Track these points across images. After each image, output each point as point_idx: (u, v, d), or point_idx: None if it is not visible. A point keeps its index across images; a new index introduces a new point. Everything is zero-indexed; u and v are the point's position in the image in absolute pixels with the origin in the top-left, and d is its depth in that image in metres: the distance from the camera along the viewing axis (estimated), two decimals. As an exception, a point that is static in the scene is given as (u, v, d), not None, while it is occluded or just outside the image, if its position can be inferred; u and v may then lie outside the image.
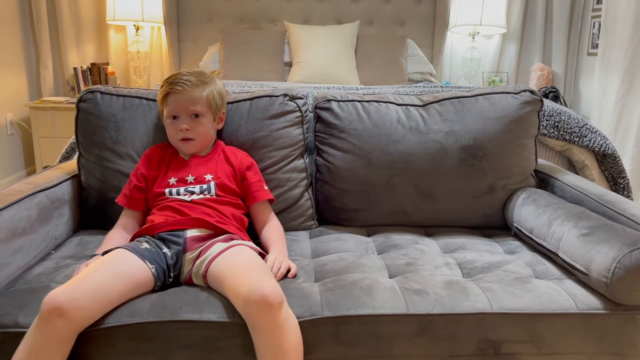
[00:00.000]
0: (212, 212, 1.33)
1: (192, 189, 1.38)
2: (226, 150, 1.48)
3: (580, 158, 2.00)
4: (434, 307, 1.14)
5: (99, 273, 1.10)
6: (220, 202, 1.37)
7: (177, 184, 1.39)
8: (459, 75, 3.95)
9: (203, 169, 1.42)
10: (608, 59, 3.14)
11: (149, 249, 1.22)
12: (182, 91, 1.40)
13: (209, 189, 1.38)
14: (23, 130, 3.41)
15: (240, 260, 1.17)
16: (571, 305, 1.16)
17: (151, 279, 1.17)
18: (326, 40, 3.44)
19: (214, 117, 1.46)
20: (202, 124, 1.42)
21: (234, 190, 1.42)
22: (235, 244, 1.23)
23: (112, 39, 3.80)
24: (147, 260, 1.18)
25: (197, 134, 1.41)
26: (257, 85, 2.64)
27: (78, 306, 1.02)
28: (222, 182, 1.40)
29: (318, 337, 1.11)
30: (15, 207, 1.27)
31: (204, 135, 1.43)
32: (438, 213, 1.61)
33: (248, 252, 1.21)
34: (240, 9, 3.74)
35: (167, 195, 1.37)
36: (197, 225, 1.29)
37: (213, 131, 1.47)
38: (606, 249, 1.16)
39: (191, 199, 1.35)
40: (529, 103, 1.59)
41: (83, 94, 1.58)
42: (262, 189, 1.45)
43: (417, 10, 3.79)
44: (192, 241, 1.26)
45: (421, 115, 1.60)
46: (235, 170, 1.44)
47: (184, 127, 1.40)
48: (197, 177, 1.40)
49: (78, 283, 1.06)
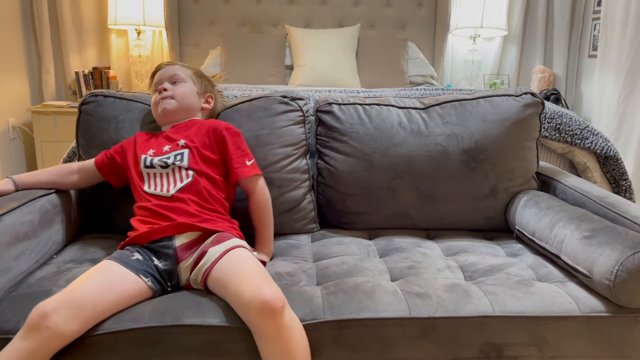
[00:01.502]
0: (195, 207, 1.30)
1: (166, 158, 1.36)
2: (208, 121, 1.47)
3: (582, 160, 1.99)
4: (436, 310, 1.13)
5: (86, 286, 1.08)
6: (198, 188, 1.33)
7: (154, 155, 1.38)
8: (460, 78, 3.95)
9: (178, 135, 1.42)
10: (608, 61, 3.14)
11: (140, 260, 1.20)
12: (166, 67, 1.51)
13: (181, 158, 1.36)
14: (25, 134, 3.41)
15: (239, 266, 1.16)
16: (574, 308, 1.16)
17: (147, 290, 1.16)
18: (327, 44, 3.45)
19: (197, 90, 1.50)
20: (182, 87, 1.48)
21: (210, 159, 1.39)
22: (231, 247, 1.21)
23: (114, 43, 3.80)
24: (141, 273, 1.16)
25: (176, 94, 1.46)
26: (258, 88, 2.65)
27: (65, 318, 1.00)
28: (195, 149, 1.38)
29: (320, 341, 1.11)
30: (17, 212, 1.27)
31: (183, 96, 1.46)
32: (440, 216, 1.61)
33: (245, 255, 1.20)
34: (242, 13, 3.75)
35: (142, 166, 1.36)
36: (184, 230, 1.26)
37: (194, 98, 1.49)
38: (608, 252, 1.15)
39: (171, 194, 1.31)
40: (530, 105, 1.59)
41: (86, 97, 1.60)
42: (243, 165, 1.40)
43: (418, 13, 3.80)
44: (183, 250, 1.24)
45: (422, 118, 1.60)
46: (213, 135, 1.41)
47: (162, 87, 1.46)
48: (171, 145, 1.40)
49: (66, 295, 1.04)
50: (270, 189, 1.51)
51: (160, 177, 1.36)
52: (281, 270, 1.29)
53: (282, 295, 1.06)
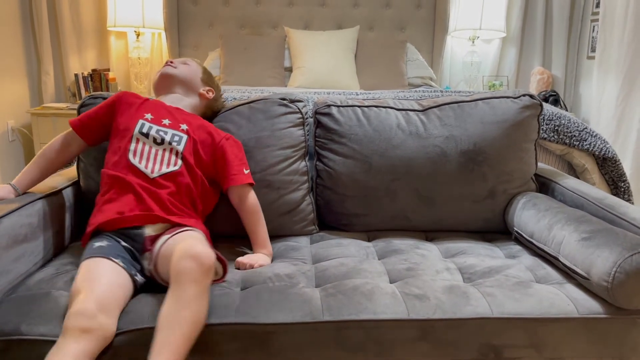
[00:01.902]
0: (169, 199, 1.30)
1: (164, 134, 1.36)
2: (210, 124, 1.48)
3: (581, 162, 2.00)
4: (435, 312, 1.14)
5: (103, 285, 1.09)
6: (180, 181, 1.33)
7: (152, 121, 1.37)
8: (459, 80, 3.96)
9: (180, 117, 1.42)
10: (606, 63, 3.14)
11: (110, 245, 1.22)
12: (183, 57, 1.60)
13: (179, 141, 1.36)
14: (24, 136, 3.42)
15: (182, 237, 1.19)
16: (572, 309, 1.16)
17: (127, 277, 1.17)
18: (326, 46, 3.45)
19: (202, 76, 1.55)
20: (189, 67, 1.54)
21: (202, 159, 1.39)
22: (179, 231, 1.22)
23: (113, 45, 3.81)
24: (113, 256, 1.18)
25: (180, 67, 1.52)
26: (257, 90, 2.65)
27: (107, 317, 1.03)
28: (194, 142, 1.38)
29: (319, 342, 1.11)
30: (16, 214, 1.27)
31: (186, 71, 1.52)
32: (439, 218, 1.61)
33: (192, 233, 1.22)
34: (241, 15, 3.76)
35: (136, 130, 1.34)
36: (154, 221, 1.27)
37: (196, 80, 1.53)
38: (607, 253, 1.16)
39: (153, 177, 1.31)
40: (529, 107, 1.60)
41: (85, 99, 1.60)
42: (240, 173, 1.42)
43: (417, 15, 3.81)
44: (151, 241, 1.25)
45: (421, 120, 1.61)
46: (213, 139, 1.42)
47: (169, 60, 1.54)
48: (172, 122, 1.39)
49: (96, 295, 1.05)
50: (269, 191, 1.52)
51: (149, 150, 1.34)
52: (280, 272, 1.29)
53: (213, 257, 1.08)
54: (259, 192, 1.48)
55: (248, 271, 1.31)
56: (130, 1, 3.49)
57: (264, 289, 1.20)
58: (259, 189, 1.49)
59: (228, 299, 1.16)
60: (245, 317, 1.11)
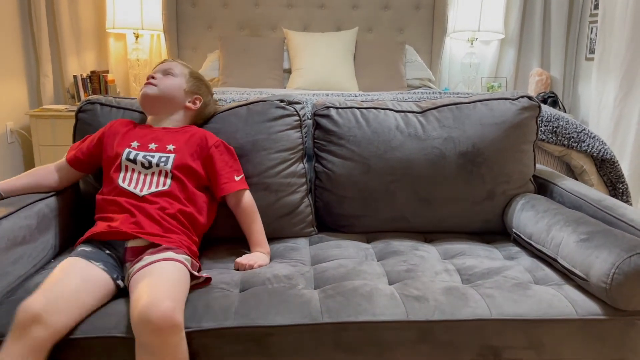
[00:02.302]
0: (159, 214, 1.30)
1: (151, 157, 1.36)
2: (200, 131, 1.47)
3: (579, 163, 2.00)
4: (434, 313, 1.14)
5: (69, 280, 1.11)
6: (173, 196, 1.33)
7: (139, 148, 1.38)
8: (458, 81, 3.96)
9: (168, 138, 1.42)
10: (606, 64, 3.15)
11: (93, 251, 1.23)
12: (167, 62, 1.54)
13: (166, 161, 1.36)
14: (23, 138, 3.41)
15: (156, 275, 1.12)
16: (571, 311, 1.16)
17: (108, 278, 1.18)
18: (325, 47, 3.46)
19: (186, 87, 1.49)
20: (171, 81, 1.48)
21: (194, 171, 1.39)
22: (162, 259, 1.18)
23: (112, 47, 3.81)
24: (92, 259, 1.19)
25: (160, 82, 1.46)
26: (256, 92, 2.65)
27: (55, 311, 1.02)
28: (182, 157, 1.38)
29: (319, 344, 1.11)
30: (15, 216, 1.27)
31: (167, 87, 1.46)
32: (437, 219, 1.61)
33: (172, 268, 1.16)
34: (240, 16, 3.76)
35: (124, 158, 1.36)
36: (137, 236, 1.26)
37: (179, 94, 1.48)
38: (605, 255, 1.16)
39: (143, 194, 1.32)
40: (527, 109, 1.60)
41: (83, 105, 1.60)
42: (231, 180, 1.41)
43: (416, 16, 3.81)
44: (132, 252, 1.24)
45: (419, 122, 1.61)
46: (203, 149, 1.41)
47: (151, 75, 1.48)
48: (159, 145, 1.40)
49: (52, 289, 1.06)
50: (267, 194, 1.52)
51: (138, 174, 1.35)
52: (279, 273, 1.29)
53: (170, 315, 1.00)
54: (257, 195, 1.49)
55: (247, 272, 1.31)
56: (129, 3, 3.49)
57: (263, 291, 1.20)
58: (257, 192, 1.50)
59: (227, 301, 1.16)
60: (244, 319, 1.11)
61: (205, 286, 1.22)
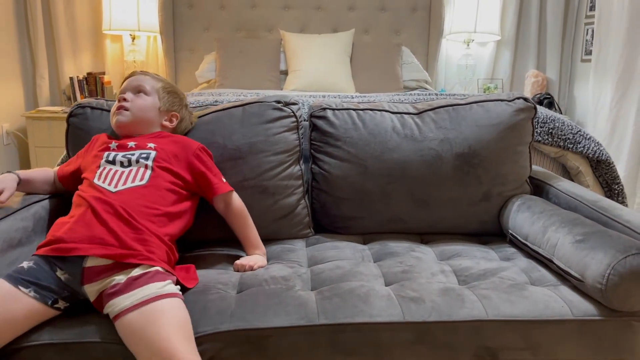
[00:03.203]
0: (128, 213, 1.18)
1: (131, 155, 1.31)
2: (178, 137, 1.42)
3: (575, 164, 2.01)
4: (430, 314, 1.14)
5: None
6: (146, 192, 1.24)
7: (118, 149, 1.34)
8: (454, 83, 3.97)
9: (147, 139, 1.37)
10: (602, 66, 3.16)
11: (33, 267, 1.10)
12: (139, 75, 1.47)
13: (147, 157, 1.30)
14: (19, 140, 3.41)
15: (163, 325, 1.02)
16: (567, 311, 1.16)
17: (40, 308, 1.07)
18: (322, 49, 3.46)
19: (160, 105, 1.43)
20: (143, 99, 1.41)
21: (176, 172, 1.32)
22: (149, 299, 1.06)
23: (109, 49, 3.80)
24: (21, 284, 1.07)
25: (133, 106, 1.39)
26: (253, 93, 2.65)
27: None
28: (164, 154, 1.32)
29: (315, 346, 1.11)
30: (11, 218, 1.26)
31: (140, 109, 1.39)
32: (434, 220, 1.61)
33: (173, 311, 1.06)
34: (237, 18, 3.76)
35: (103, 162, 1.30)
36: (98, 253, 1.12)
37: (153, 114, 1.42)
38: (600, 256, 1.16)
39: (116, 190, 1.23)
40: (523, 110, 1.60)
41: (73, 109, 1.58)
42: (220, 181, 1.38)
43: (412, 18, 3.82)
44: (91, 273, 1.11)
45: (416, 123, 1.61)
46: (186, 153, 1.36)
47: (122, 96, 1.40)
48: (138, 143, 1.35)
49: None
50: (264, 197, 1.51)
51: (114, 172, 1.28)
52: (276, 275, 1.29)
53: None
54: (254, 198, 1.49)
55: (245, 274, 1.32)
56: (125, 4, 3.50)
57: (260, 292, 1.20)
58: (254, 194, 1.49)
59: (224, 303, 1.16)
60: (241, 322, 1.10)
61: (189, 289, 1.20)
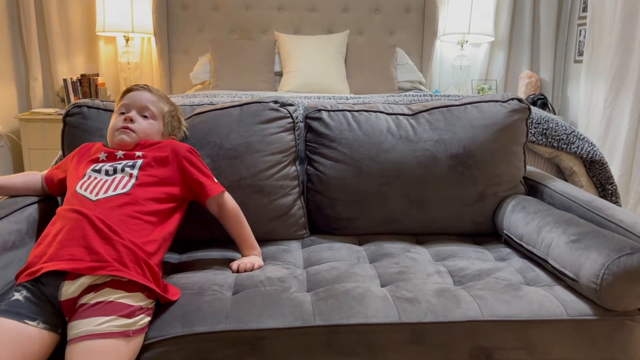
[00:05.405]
0: (106, 225, 1.12)
1: (117, 164, 1.28)
2: (169, 142, 1.38)
3: (569, 165, 2.02)
4: (426, 315, 1.14)
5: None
6: (129, 201, 1.19)
7: (106, 159, 1.31)
8: (449, 83, 3.98)
9: (136, 149, 1.35)
10: (595, 66, 3.18)
11: (28, 298, 1.05)
12: (144, 91, 1.41)
13: (133, 166, 1.28)
14: (12, 142, 3.39)
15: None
16: (561, 311, 1.17)
17: (54, 337, 1.04)
18: (316, 50, 3.46)
19: (163, 131, 1.42)
20: (149, 124, 1.39)
21: (164, 177, 1.29)
22: (105, 333, 1.00)
23: (102, 50, 3.79)
24: (27, 318, 1.02)
25: (139, 130, 1.36)
26: (247, 95, 2.65)
27: None
28: (151, 161, 1.29)
29: (311, 347, 1.11)
30: (5, 221, 1.26)
31: (147, 135, 1.37)
32: (429, 221, 1.62)
33: (104, 355, 0.99)
34: (231, 20, 3.75)
35: (90, 170, 1.27)
36: (72, 277, 1.06)
37: (157, 137, 1.41)
38: (594, 255, 1.17)
39: (97, 198, 1.18)
40: (517, 111, 1.61)
41: (70, 108, 1.59)
42: (213, 183, 1.36)
43: (407, 19, 3.83)
44: (69, 306, 1.06)
45: (411, 124, 1.62)
46: (176, 155, 1.33)
47: (129, 116, 1.36)
48: (127, 153, 1.33)
49: None
50: (260, 197, 1.51)
51: (98, 181, 1.25)
52: (272, 276, 1.29)
53: None
54: (250, 198, 1.48)
55: (240, 275, 1.32)
56: (119, 6, 3.48)
57: (256, 293, 1.20)
58: (250, 194, 1.49)
59: (219, 304, 1.15)
60: (237, 323, 1.10)
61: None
